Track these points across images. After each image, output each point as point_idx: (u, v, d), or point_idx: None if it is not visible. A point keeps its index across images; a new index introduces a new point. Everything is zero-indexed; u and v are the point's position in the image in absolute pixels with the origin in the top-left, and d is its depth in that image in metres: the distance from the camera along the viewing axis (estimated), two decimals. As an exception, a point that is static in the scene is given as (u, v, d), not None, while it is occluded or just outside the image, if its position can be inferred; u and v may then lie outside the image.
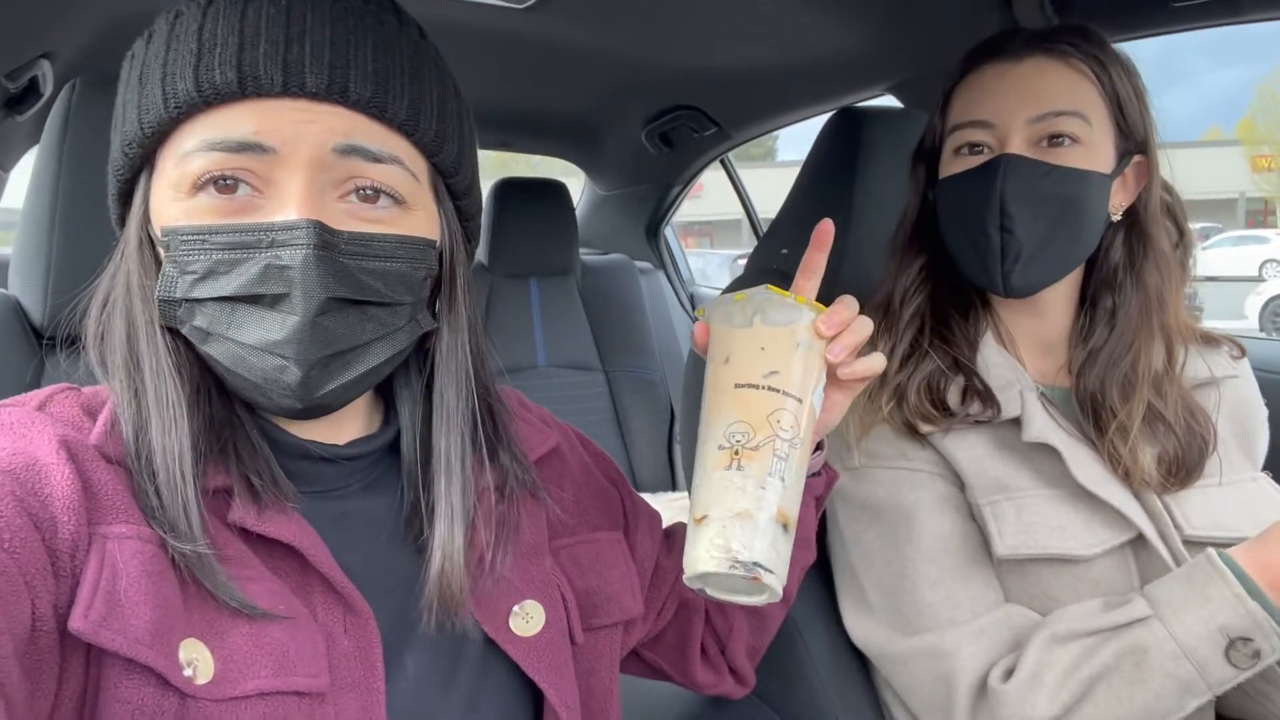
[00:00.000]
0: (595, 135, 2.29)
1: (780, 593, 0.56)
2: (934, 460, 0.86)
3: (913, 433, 0.86)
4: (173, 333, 0.53)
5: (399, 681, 0.56)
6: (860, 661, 0.97)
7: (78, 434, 0.51)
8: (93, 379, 0.55)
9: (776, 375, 0.58)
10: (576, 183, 2.70)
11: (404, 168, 0.54)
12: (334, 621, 0.54)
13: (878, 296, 0.95)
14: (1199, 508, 0.83)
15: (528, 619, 0.62)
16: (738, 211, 2.59)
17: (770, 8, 1.30)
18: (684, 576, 0.57)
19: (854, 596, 0.89)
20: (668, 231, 2.70)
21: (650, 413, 2.21)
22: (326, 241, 0.50)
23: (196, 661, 0.47)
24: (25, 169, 1.72)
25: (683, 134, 2.10)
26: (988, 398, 0.85)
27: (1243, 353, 0.94)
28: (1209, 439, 0.85)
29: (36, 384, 0.86)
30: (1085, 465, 0.82)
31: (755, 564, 0.54)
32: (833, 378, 0.62)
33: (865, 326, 0.61)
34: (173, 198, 0.51)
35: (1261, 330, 9.13)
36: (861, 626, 0.88)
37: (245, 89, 0.49)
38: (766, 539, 0.55)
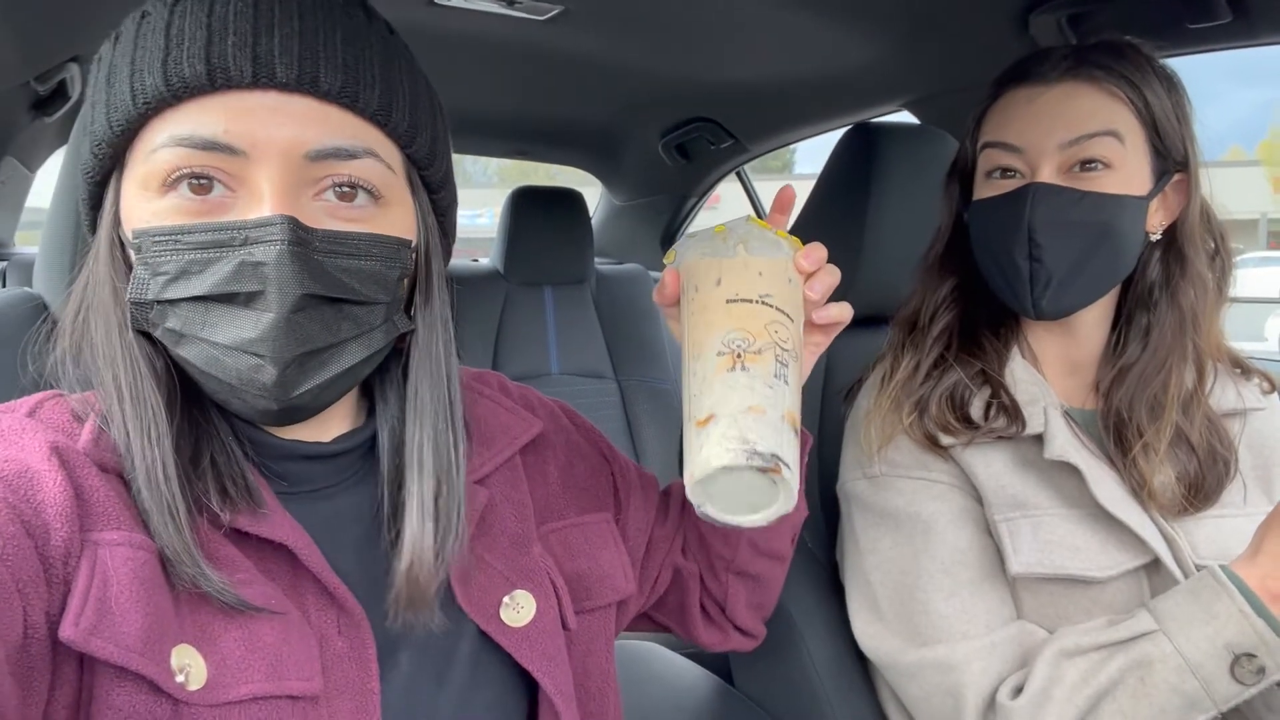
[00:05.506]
0: (612, 146, 2.30)
1: (795, 498, 0.52)
2: (954, 473, 0.86)
3: (933, 445, 0.85)
4: (146, 337, 0.53)
5: (393, 680, 0.55)
6: (863, 669, 0.97)
7: (69, 440, 0.50)
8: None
9: (771, 296, 0.56)
10: (593, 192, 2.72)
11: (379, 160, 0.53)
12: (327, 623, 0.53)
13: (905, 311, 0.94)
14: (1209, 537, 0.82)
15: (519, 609, 0.61)
16: (753, 223, 2.59)
17: (788, 23, 1.31)
18: (688, 489, 0.53)
19: (866, 604, 0.88)
20: (683, 242, 2.71)
21: (662, 422, 2.21)
22: (300, 238, 0.49)
23: (189, 668, 0.47)
24: (50, 170, 1.75)
25: (699, 146, 2.11)
26: (1014, 412, 0.84)
27: (1273, 387, 0.92)
28: (1231, 463, 0.84)
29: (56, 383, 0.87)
30: (1105, 486, 0.81)
31: (774, 455, 0.50)
32: (806, 322, 0.62)
33: (837, 272, 0.62)
34: (142, 198, 0.51)
35: (1281, 353, 9.00)
36: (871, 634, 0.87)
37: (215, 81, 0.49)
38: (781, 435, 0.51)
